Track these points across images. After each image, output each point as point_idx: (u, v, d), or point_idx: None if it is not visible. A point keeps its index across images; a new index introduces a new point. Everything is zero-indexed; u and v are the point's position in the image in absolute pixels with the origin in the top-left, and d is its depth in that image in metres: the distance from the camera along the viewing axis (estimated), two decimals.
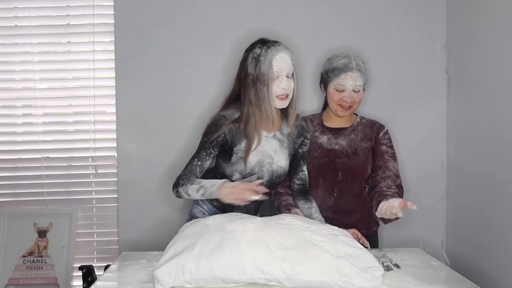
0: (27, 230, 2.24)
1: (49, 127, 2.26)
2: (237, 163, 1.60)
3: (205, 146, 1.59)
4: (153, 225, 2.19)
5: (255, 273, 1.25)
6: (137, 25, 2.16)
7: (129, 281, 1.35)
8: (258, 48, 1.55)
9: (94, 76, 2.22)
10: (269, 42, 1.57)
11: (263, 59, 1.52)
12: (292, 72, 1.57)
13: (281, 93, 1.55)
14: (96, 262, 2.24)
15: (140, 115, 2.17)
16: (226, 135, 1.59)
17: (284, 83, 1.53)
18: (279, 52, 1.53)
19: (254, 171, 1.61)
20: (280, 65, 1.53)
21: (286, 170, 1.69)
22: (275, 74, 1.53)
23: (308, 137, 1.76)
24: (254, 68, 1.53)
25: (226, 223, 1.38)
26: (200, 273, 1.25)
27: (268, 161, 1.63)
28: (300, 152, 1.74)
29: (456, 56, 2.09)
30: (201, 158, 1.59)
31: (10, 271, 2.20)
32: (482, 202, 1.86)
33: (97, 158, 2.26)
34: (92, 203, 2.27)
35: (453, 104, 2.13)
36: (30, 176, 2.26)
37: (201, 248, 1.29)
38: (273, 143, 1.64)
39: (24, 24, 2.21)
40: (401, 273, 1.40)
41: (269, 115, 1.56)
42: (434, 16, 2.16)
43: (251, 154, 1.59)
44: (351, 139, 1.81)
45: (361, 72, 1.73)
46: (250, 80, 1.55)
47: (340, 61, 1.73)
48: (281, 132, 1.66)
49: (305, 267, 1.25)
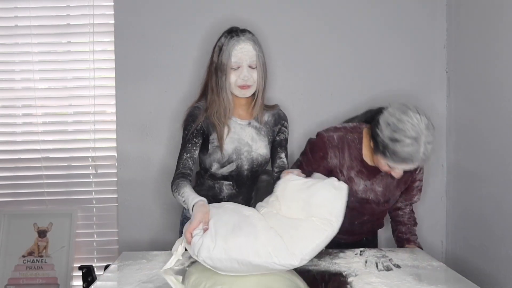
0: (27, 230, 2.23)
1: (49, 127, 2.26)
2: (214, 152, 1.61)
3: (188, 139, 1.61)
4: (153, 225, 2.19)
5: (269, 257, 1.27)
6: (137, 25, 2.16)
7: (129, 281, 1.35)
8: (223, 37, 1.59)
9: (94, 76, 2.22)
10: (234, 32, 1.58)
11: (225, 48, 1.55)
12: (255, 63, 1.57)
13: (241, 83, 1.56)
14: (96, 262, 2.24)
15: (140, 115, 2.17)
16: (202, 124, 1.61)
17: (244, 74, 1.54)
18: (240, 43, 1.55)
19: (231, 159, 1.62)
20: (240, 55, 1.54)
21: (268, 158, 1.69)
22: (234, 65, 1.55)
23: (285, 125, 1.75)
24: (218, 57, 1.57)
25: (241, 208, 1.44)
26: (216, 252, 1.27)
27: (246, 149, 1.64)
28: (277, 140, 1.73)
29: (456, 56, 2.09)
30: (188, 150, 1.60)
31: (10, 271, 2.20)
32: (482, 202, 1.86)
33: (97, 158, 2.26)
34: (92, 203, 2.27)
35: (453, 104, 2.13)
36: (30, 176, 2.26)
37: (218, 228, 1.32)
38: (249, 131, 1.65)
39: (24, 24, 2.21)
40: (401, 273, 1.40)
41: (226, 104, 1.58)
42: (434, 16, 2.16)
43: (226, 142, 1.60)
44: (387, 184, 1.67)
45: (425, 161, 1.50)
46: (213, 68, 1.59)
47: (407, 149, 1.43)
48: (256, 120, 1.67)
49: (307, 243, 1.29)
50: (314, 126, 2.17)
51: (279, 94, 2.19)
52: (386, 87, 2.17)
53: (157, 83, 2.17)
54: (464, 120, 2.03)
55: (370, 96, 2.16)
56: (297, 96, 2.19)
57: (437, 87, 2.18)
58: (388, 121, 1.48)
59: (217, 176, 1.67)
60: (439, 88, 2.18)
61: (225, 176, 1.66)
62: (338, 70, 2.17)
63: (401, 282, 1.32)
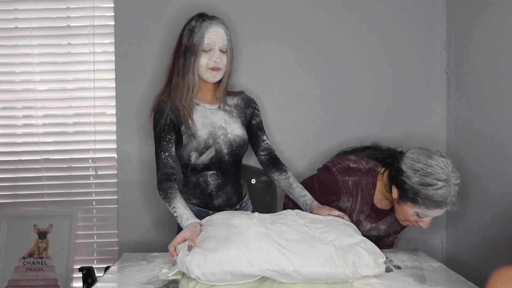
0: (27, 232, 2.24)
1: (49, 128, 2.26)
2: (190, 142, 1.59)
3: (161, 136, 1.59)
4: (153, 226, 2.19)
5: (263, 264, 1.25)
6: (137, 27, 2.16)
7: (129, 282, 1.35)
8: (194, 21, 1.59)
9: (94, 78, 2.23)
10: (205, 16, 1.59)
11: (197, 30, 1.55)
12: (226, 47, 1.58)
13: (212, 65, 1.56)
14: (96, 263, 2.24)
15: (140, 117, 2.17)
16: (170, 115, 1.60)
17: (216, 56, 1.55)
18: (213, 25, 1.56)
19: (208, 144, 1.60)
20: (213, 38, 1.55)
21: (245, 139, 1.68)
22: (206, 47, 1.55)
23: (257, 108, 1.76)
24: (188, 39, 1.56)
25: (230, 219, 1.42)
26: (208, 266, 1.25)
27: (221, 132, 1.63)
28: (254, 123, 1.73)
29: (456, 58, 2.09)
30: (165, 149, 1.58)
31: (10, 272, 2.20)
32: (482, 202, 1.86)
33: (97, 159, 2.26)
34: (92, 204, 2.27)
35: (453, 105, 2.13)
36: (30, 177, 2.26)
37: (208, 243, 1.30)
38: (220, 114, 1.65)
39: (24, 26, 2.22)
40: (402, 274, 1.40)
41: (191, 85, 1.57)
42: (433, 17, 2.16)
43: (199, 128, 1.59)
44: (390, 223, 1.68)
45: (455, 204, 1.45)
46: (182, 50, 1.58)
47: (440, 192, 1.40)
48: (226, 104, 1.68)
49: (312, 259, 1.26)
50: (314, 127, 2.19)
51: (279, 94, 2.19)
52: (386, 87, 2.17)
53: (157, 85, 2.16)
54: (464, 120, 2.03)
55: (370, 97, 2.17)
56: (297, 96, 2.19)
57: (437, 87, 2.18)
58: (414, 167, 1.45)
59: (199, 168, 1.63)
60: (439, 89, 2.18)
61: (207, 165, 1.62)
62: (338, 71, 2.17)
63: (401, 283, 1.32)
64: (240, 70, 2.17)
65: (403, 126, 2.15)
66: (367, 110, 2.17)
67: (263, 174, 2.13)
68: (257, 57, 2.18)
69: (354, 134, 2.15)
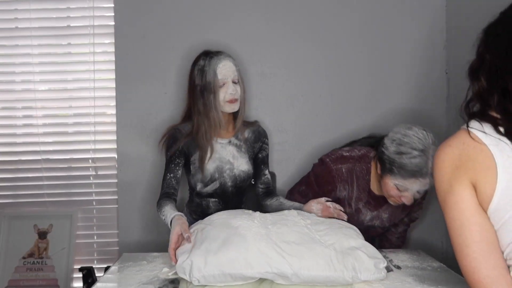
0: (27, 232, 2.24)
1: (49, 128, 2.26)
2: (196, 173, 1.68)
3: (171, 159, 1.68)
4: (153, 226, 2.19)
5: (262, 267, 1.25)
6: (137, 27, 2.16)
7: (130, 282, 1.35)
8: (202, 60, 1.64)
9: (94, 78, 2.23)
10: (211, 53, 1.66)
11: (207, 69, 1.61)
12: (237, 78, 1.65)
13: (229, 98, 1.62)
14: (96, 263, 2.24)
15: (140, 117, 2.18)
16: (183, 146, 1.68)
17: (231, 89, 1.62)
18: (221, 60, 1.62)
19: (214, 177, 1.69)
20: (225, 72, 1.61)
21: (250, 173, 1.74)
22: (220, 82, 1.61)
23: (266, 142, 1.82)
24: (201, 78, 1.62)
25: (231, 219, 1.41)
26: (208, 269, 1.25)
27: (228, 167, 1.69)
28: (260, 157, 1.80)
29: (456, 57, 2.09)
30: (171, 170, 1.67)
31: (10, 272, 2.20)
32: None
33: (97, 159, 2.26)
34: (92, 204, 2.27)
35: (453, 104, 2.13)
36: (30, 177, 2.26)
37: (208, 245, 1.30)
38: (230, 149, 1.71)
39: (24, 26, 2.22)
40: (402, 274, 1.40)
41: (217, 122, 1.64)
42: (433, 16, 2.16)
43: (208, 162, 1.66)
44: (393, 211, 1.65)
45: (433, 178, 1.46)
46: (198, 91, 1.63)
47: (415, 160, 1.40)
48: (236, 138, 1.73)
49: (312, 262, 1.25)
50: (314, 127, 2.19)
51: (279, 94, 2.19)
52: (386, 88, 2.17)
53: (157, 85, 2.17)
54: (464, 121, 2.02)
55: (370, 97, 2.16)
56: (297, 96, 2.19)
57: (437, 87, 2.18)
58: (393, 138, 1.46)
59: (203, 194, 1.73)
60: (439, 89, 2.18)
61: (210, 193, 1.72)
62: (338, 71, 2.17)
63: (401, 283, 1.32)
64: (241, 71, 2.17)
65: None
66: (367, 110, 2.17)
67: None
68: (257, 57, 2.18)
69: (354, 134, 2.15)
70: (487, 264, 0.89)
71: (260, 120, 2.20)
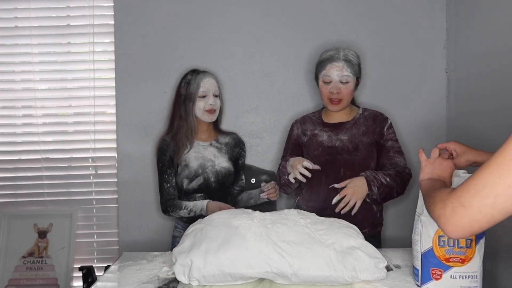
0: (27, 231, 2.24)
1: (49, 127, 2.26)
2: (183, 171, 1.88)
3: (163, 170, 1.89)
4: (153, 226, 2.20)
5: (262, 267, 1.25)
6: (137, 26, 2.16)
7: (129, 281, 1.36)
8: (189, 75, 1.91)
9: (94, 77, 2.23)
10: (198, 71, 1.92)
11: (193, 81, 1.89)
12: (218, 92, 1.92)
13: (208, 108, 1.88)
14: (96, 262, 2.24)
15: (140, 116, 2.18)
16: (170, 153, 1.90)
17: (212, 100, 1.88)
18: (206, 77, 1.90)
19: (198, 173, 1.89)
20: (207, 86, 1.88)
21: (231, 171, 1.96)
22: (202, 93, 1.87)
23: (244, 150, 2.06)
24: (186, 89, 1.89)
25: (231, 219, 1.40)
26: (208, 269, 1.26)
27: (210, 164, 1.91)
28: (239, 163, 2.03)
29: (456, 56, 2.09)
30: (167, 180, 1.88)
31: (10, 271, 2.20)
32: None
33: (97, 158, 2.26)
34: (92, 203, 2.28)
35: (453, 104, 2.13)
36: (30, 176, 2.26)
37: (207, 244, 1.30)
38: (211, 150, 1.94)
39: (24, 25, 2.22)
40: (401, 273, 1.40)
41: (193, 126, 1.90)
42: (434, 16, 2.16)
43: (191, 160, 1.89)
44: (352, 134, 1.78)
45: (349, 63, 1.72)
46: (182, 99, 1.90)
47: (328, 53, 1.76)
48: (217, 142, 1.98)
49: (312, 262, 1.26)
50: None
51: (279, 94, 2.19)
52: (386, 87, 2.17)
53: (157, 84, 2.17)
54: (464, 120, 2.03)
55: (370, 96, 2.16)
56: (297, 96, 2.19)
57: (437, 87, 2.18)
58: None
59: (190, 191, 1.89)
60: (439, 88, 2.18)
61: (196, 189, 1.89)
62: None
63: (401, 283, 1.32)
64: (241, 70, 2.18)
65: (403, 126, 2.15)
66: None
67: (263, 174, 2.14)
68: (257, 57, 2.18)
69: None
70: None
71: (260, 119, 2.21)
